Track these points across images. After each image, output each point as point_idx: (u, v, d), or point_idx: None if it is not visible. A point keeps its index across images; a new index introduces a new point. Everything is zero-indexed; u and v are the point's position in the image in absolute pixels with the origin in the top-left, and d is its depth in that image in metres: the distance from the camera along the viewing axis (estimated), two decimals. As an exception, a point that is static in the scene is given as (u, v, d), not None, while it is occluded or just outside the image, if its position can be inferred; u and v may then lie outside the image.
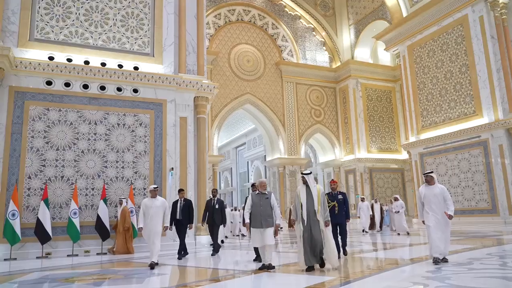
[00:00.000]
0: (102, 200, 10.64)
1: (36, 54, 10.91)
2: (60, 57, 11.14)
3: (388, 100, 29.31)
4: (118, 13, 12.13)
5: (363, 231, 16.40)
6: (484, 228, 15.63)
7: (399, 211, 14.84)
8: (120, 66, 11.69)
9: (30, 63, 10.60)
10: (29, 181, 10.29)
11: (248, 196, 7.22)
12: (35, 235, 9.82)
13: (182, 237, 9.25)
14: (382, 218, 17.82)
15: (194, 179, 12.29)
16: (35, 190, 10.30)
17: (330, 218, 7.51)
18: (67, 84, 11.06)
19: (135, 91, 11.79)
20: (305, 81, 28.61)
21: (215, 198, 9.90)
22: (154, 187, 7.87)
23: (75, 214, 10.25)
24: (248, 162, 36.06)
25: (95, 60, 11.50)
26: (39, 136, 10.56)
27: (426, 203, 6.93)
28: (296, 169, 26.95)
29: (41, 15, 11.22)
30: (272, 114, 27.04)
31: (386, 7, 26.24)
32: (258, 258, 7.44)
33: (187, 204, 9.45)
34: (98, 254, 10.28)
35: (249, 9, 27.83)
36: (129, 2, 12.29)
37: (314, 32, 29.93)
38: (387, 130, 28.73)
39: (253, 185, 8.03)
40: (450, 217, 6.69)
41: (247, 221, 6.91)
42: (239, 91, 26.25)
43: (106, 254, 10.37)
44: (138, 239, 10.60)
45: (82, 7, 11.70)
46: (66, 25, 11.46)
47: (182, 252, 9.14)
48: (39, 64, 10.69)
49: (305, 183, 6.63)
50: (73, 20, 11.55)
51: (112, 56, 11.78)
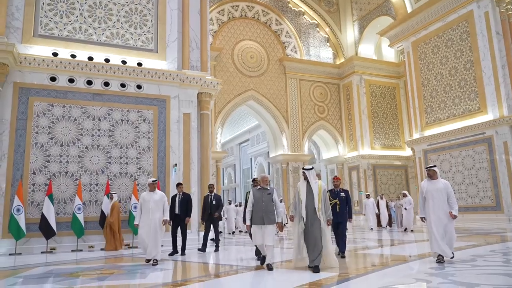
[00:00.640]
0: (106, 195, 10.69)
1: (40, 50, 10.95)
2: (64, 53, 11.17)
3: (392, 97, 29.19)
4: (122, 9, 12.14)
5: (371, 229, 16.18)
6: (488, 225, 15.58)
7: (407, 208, 14.63)
8: (124, 62, 11.71)
9: (34, 59, 10.64)
10: (33, 176, 10.35)
11: (250, 191, 6.90)
12: (39, 230, 9.90)
13: (183, 233, 9.11)
14: (390, 215, 17.51)
15: (197, 175, 12.31)
16: (40, 185, 10.37)
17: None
18: (71, 80, 11.10)
19: (139, 87, 11.82)
20: (308, 77, 28.53)
21: (212, 194, 9.78)
22: (153, 180, 7.65)
23: (79, 209, 10.32)
24: (251, 159, 36.07)
25: (99, 56, 11.53)
26: (43, 132, 10.62)
27: (428, 199, 6.57)
28: (300, 165, 26.95)
29: (45, 11, 11.24)
30: (275, 110, 27.01)
31: (390, 3, 26.08)
32: (259, 255, 7.29)
33: (186, 198, 9.26)
34: (102, 249, 10.34)
35: (252, 5, 27.75)
36: (132, -2, 12.29)
37: (318, 28, 29.82)
38: (391, 126, 28.63)
39: (254, 180, 7.67)
40: (455, 217, 6.41)
41: (247, 222, 6.61)
42: (242, 87, 26.23)
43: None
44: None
45: (85, 3, 11.71)
46: (70, 21, 11.49)
47: (177, 253, 8.93)
48: (43, 60, 10.72)
49: (306, 178, 6.35)
50: (76, 16, 11.57)
51: (115, 52, 11.80)
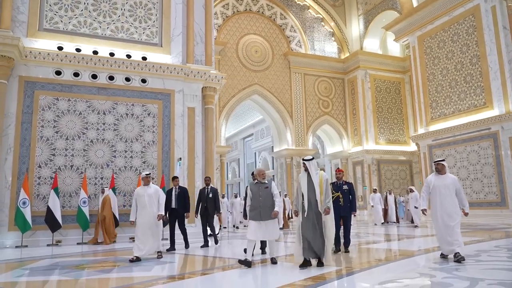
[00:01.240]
0: (111, 189, 10.75)
1: (45, 44, 10.98)
2: (69, 47, 11.20)
3: (397, 92, 29.05)
4: (126, 3, 12.12)
5: (382, 223, 16.10)
6: (493, 220, 15.54)
7: (417, 207, 14.26)
8: (129, 56, 11.72)
9: (40, 53, 10.67)
10: (39, 170, 10.42)
11: (247, 186, 6.57)
12: (45, 223, 9.99)
13: (181, 227, 8.82)
14: (397, 210, 17.33)
15: (202, 170, 12.34)
16: (45, 179, 10.44)
17: (334, 210, 6.94)
18: (76, 74, 11.13)
19: (144, 81, 11.83)
20: (313, 72, 28.43)
21: (209, 187, 9.33)
22: (146, 174, 7.32)
23: (84, 203, 10.39)
24: (255, 153, 36.08)
25: (104, 50, 11.55)
26: (48, 125, 10.67)
27: (435, 195, 6.17)
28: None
29: (50, 5, 11.25)
30: (280, 105, 26.96)
31: (396, -3, 25.88)
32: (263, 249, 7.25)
33: (182, 192, 8.91)
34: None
35: (257, -1, 27.62)
36: (137, -8, 12.27)
37: (322, 23, 29.66)
38: (396, 121, 28.52)
39: (252, 174, 7.21)
40: (467, 214, 6.05)
41: (248, 218, 6.30)
42: (247, 81, 26.18)
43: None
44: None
45: (90, -4, 11.71)
46: (75, 14, 11.50)
47: (177, 248, 8.55)
48: (48, 54, 10.76)
49: (306, 170, 6.02)
50: (81, 10, 11.58)
51: (120, 46, 11.81)
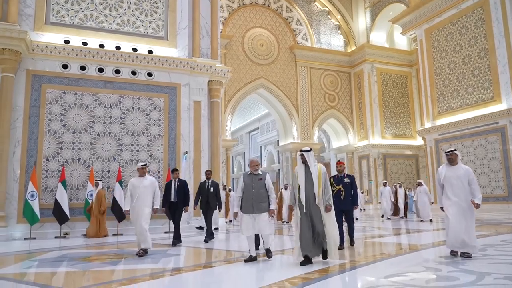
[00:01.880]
0: (117, 182, 10.83)
1: (52, 37, 11.02)
2: (76, 40, 11.23)
3: (403, 85, 28.85)
4: (132, -4, 12.11)
5: (382, 216, 16.15)
6: (499, 215, 15.46)
7: (425, 200, 14.07)
8: (135, 50, 11.74)
9: (47, 46, 10.72)
10: (47, 163, 10.51)
11: (240, 177, 6.22)
12: (53, 216, 10.09)
13: (176, 221, 8.45)
14: (407, 204, 17.14)
15: (207, 163, 12.38)
16: (53, 172, 10.54)
17: (335, 204, 6.67)
18: (83, 68, 11.17)
19: (150, 74, 11.85)
20: (319, 65, 28.30)
21: (210, 181, 8.97)
22: (142, 165, 7.05)
23: (91, 195, 10.47)
24: (261, 147, 36.09)
25: (110, 43, 11.57)
26: (56, 119, 10.74)
27: (447, 187, 5.82)
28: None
29: (56, -1, 11.27)
30: (285, 99, 26.90)
31: (403, -10, 25.61)
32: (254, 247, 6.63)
33: (182, 185, 8.60)
34: (114, 235, 10.51)
35: (263, -8, 27.47)
36: (143, -15, 12.25)
37: (329, 16, 29.46)
38: (402, 115, 28.36)
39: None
40: (478, 206, 5.59)
41: (235, 209, 5.96)
42: (252, 75, 26.13)
43: (115, 235, 10.53)
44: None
45: (96, -10, 11.71)
46: (81, 8, 11.51)
47: (175, 240, 8.16)
48: (55, 47, 10.80)
49: (304, 162, 5.66)
50: (88, 4, 11.59)
51: (126, 39, 11.83)
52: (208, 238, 8.68)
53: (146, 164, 7.14)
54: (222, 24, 25.53)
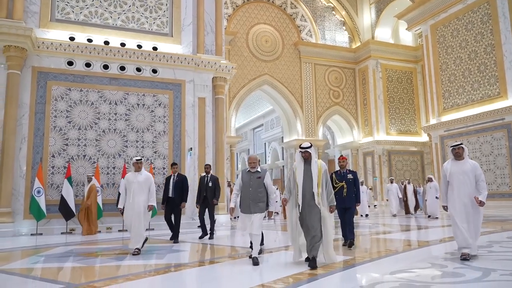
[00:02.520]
0: (123, 179, 10.84)
1: (57, 34, 11.06)
2: (81, 37, 11.26)
3: (408, 82, 28.70)
4: (137, -8, 12.12)
5: (394, 215, 15.82)
6: (505, 212, 15.38)
7: (437, 197, 13.75)
8: (139, 47, 11.76)
9: (52, 43, 10.76)
10: (52, 159, 10.58)
11: (239, 174, 5.92)
12: (59, 212, 10.16)
13: (176, 218, 8.24)
14: (417, 201, 16.86)
15: (212, 160, 12.40)
16: (59, 168, 10.60)
17: (337, 202, 6.46)
18: (88, 65, 11.21)
19: (154, 71, 11.87)
20: (324, 61, 28.18)
21: (209, 175, 8.83)
22: (136, 159, 6.78)
23: (97, 192, 10.53)
24: (265, 144, 36.09)
25: (115, 40, 11.59)
26: (61, 115, 10.80)
27: (453, 183, 5.48)
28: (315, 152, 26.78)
29: (61, -4, 11.30)
30: (290, 95, 26.84)
31: (409, -15, 25.42)
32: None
33: (181, 180, 8.31)
34: (120, 231, 10.57)
35: (267, -12, 27.37)
36: (147, -18, 12.25)
37: (333, 12, 29.31)
38: (407, 112, 28.22)
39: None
40: (482, 204, 5.24)
41: (231, 205, 5.78)
42: (257, 72, 26.09)
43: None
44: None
45: (101, -13, 11.72)
46: (86, 5, 11.54)
47: (173, 239, 8.02)
48: (60, 44, 10.84)
49: (304, 158, 5.30)
50: (92, 0, 11.61)
51: (131, 36, 11.85)
52: (203, 235, 8.55)
53: (141, 159, 6.84)
54: (227, 21, 25.48)
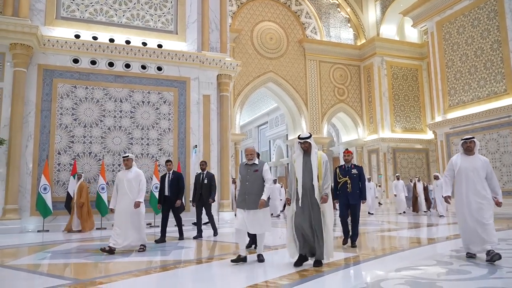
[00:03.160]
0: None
1: (63, 32, 11.10)
2: (86, 35, 11.30)
3: (414, 79, 28.54)
4: (142, -10, 12.13)
5: (404, 212, 15.64)
6: (511, 209, 15.29)
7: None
8: (144, 44, 11.78)
9: (57, 41, 10.80)
10: (58, 156, 10.64)
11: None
12: (65, 209, 10.23)
13: (176, 217, 8.08)
14: (429, 199, 16.43)
15: (217, 157, 12.42)
16: (65, 165, 10.67)
17: (340, 198, 6.64)
18: (93, 62, 11.25)
19: (159, 69, 11.89)
20: (328, 59, 28.09)
21: (204, 172, 8.60)
22: (124, 156, 6.61)
23: (103, 189, 10.58)
24: (270, 141, 36.07)
25: (120, 38, 11.62)
26: (67, 113, 10.85)
27: (460, 179, 5.17)
28: (319, 148, 26.76)
29: (67, -7, 11.34)
30: (294, 92, 26.80)
31: (414, -19, 25.24)
32: (249, 242, 6.32)
33: (177, 177, 8.07)
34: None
35: (272, -15, 27.29)
36: (152, -21, 12.25)
37: (338, 9, 29.19)
38: (412, 109, 28.08)
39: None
40: (500, 204, 4.99)
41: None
42: (261, 69, 26.06)
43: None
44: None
45: (106, -16, 11.75)
46: (91, 2, 11.57)
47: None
48: (66, 42, 10.88)
49: (303, 150, 4.99)
50: (98, -2, 11.64)
51: (136, 33, 11.87)
52: (198, 235, 8.26)
53: (128, 155, 6.63)
54: (231, 18, 25.44)
